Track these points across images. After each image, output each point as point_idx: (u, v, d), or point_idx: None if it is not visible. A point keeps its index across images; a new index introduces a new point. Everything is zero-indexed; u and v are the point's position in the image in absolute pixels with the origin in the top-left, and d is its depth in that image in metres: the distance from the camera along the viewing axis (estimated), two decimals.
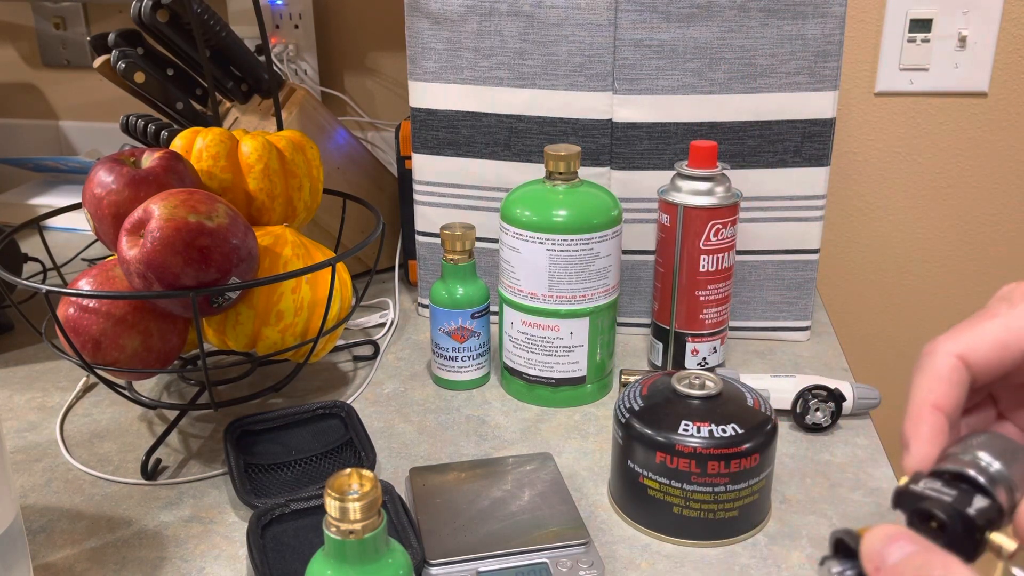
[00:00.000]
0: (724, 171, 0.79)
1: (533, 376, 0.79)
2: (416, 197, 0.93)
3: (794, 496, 0.67)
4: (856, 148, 1.19)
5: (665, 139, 0.85)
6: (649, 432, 0.61)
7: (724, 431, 0.60)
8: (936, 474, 0.34)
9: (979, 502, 0.32)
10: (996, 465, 0.33)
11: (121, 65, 0.89)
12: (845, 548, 0.33)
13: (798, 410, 0.75)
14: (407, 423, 0.77)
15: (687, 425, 0.60)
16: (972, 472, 0.33)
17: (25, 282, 0.66)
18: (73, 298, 0.68)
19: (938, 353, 0.37)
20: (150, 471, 0.70)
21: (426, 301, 0.98)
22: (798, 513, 0.65)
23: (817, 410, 0.74)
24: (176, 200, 0.64)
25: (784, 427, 0.76)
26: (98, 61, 0.93)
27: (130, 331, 0.68)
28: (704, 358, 0.83)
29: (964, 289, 1.23)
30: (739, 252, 0.89)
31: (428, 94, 0.88)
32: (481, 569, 0.57)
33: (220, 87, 0.96)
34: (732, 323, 0.92)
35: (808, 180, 0.85)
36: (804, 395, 0.74)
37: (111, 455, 0.73)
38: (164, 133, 0.94)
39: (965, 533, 0.32)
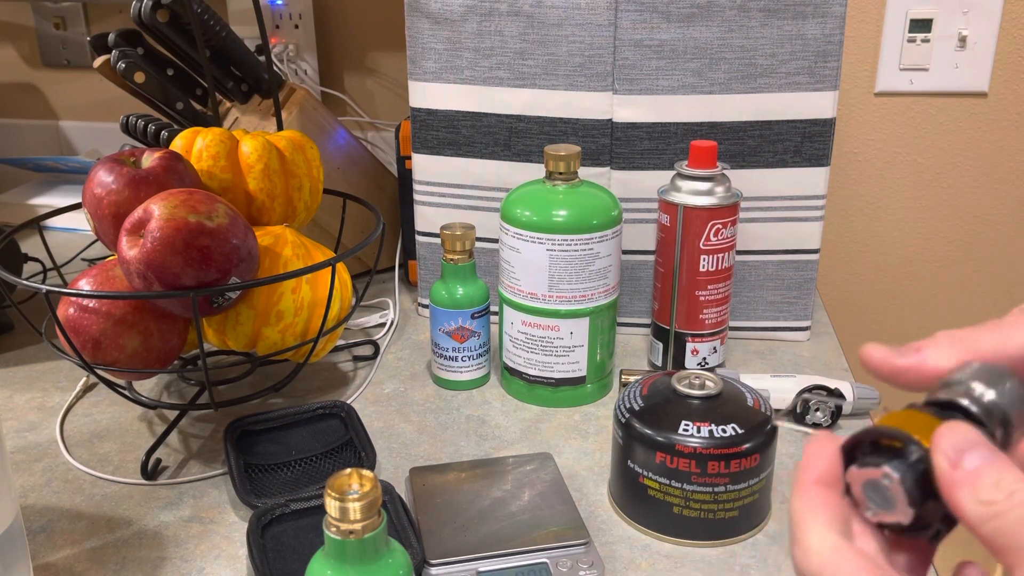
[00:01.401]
0: (724, 171, 0.79)
1: (533, 376, 0.79)
2: (416, 197, 0.93)
3: None
4: (856, 148, 1.19)
5: (665, 139, 0.85)
6: (649, 432, 0.61)
7: (724, 431, 0.60)
8: (930, 404, 0.33)
9: None
10: (991, 396, 0.32)
11: (121, 65, 0.89)
12: (874, 448, 0.32)
13: (798, 410, 0.75)
14: (407, 423, 0.77)
15: (687, 425, 0.60)
16: (966, 402, 0.32)
17: (25, 282, 0.66)
18: (73, 298, 0.68)
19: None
20: (150, 471, 0.70)
21: (426, 301, 0.98)
22: None
23: (817, 410, 0.74)
24: (176, 200, 0.64)
25: (784, 427, 0.76)
26: (98, 61, 0.93)
27: (130, 331, 0.68)
28: (704, 358, 0.83)
29: (964, 289, 1.23)
30: (739, 252, 0.89)
31: (428, 94, 0.88)
32: (481, 569, 0.57)
33: (220, 87, 0.96)
34: (732, 323, 0.92)
35: (808, 180, 0.85)
36: (804, 395, 0.74)
37: (111, 455, 0.73)
38: (164, 133, 0.94)
39: None
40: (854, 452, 0.33)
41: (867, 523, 0.32)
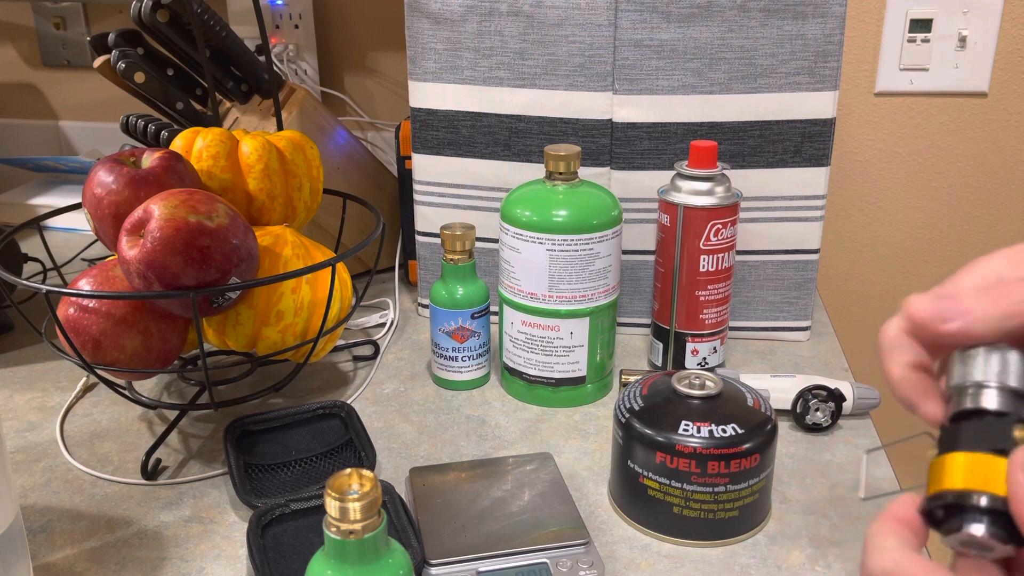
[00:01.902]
0: (724, 171, 0.79)
1: (533, 376, 0.79)
2: (416, 197, 0.93)
3: (794, 496, 0.67)
4: (856, 148, 1.19)
5: (665, 139, 0.85)
6: (649, 432, 0.61)
7: (724, 431, 0.60)
8: (959, 418, 0.34)
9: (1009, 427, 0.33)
10: (1009, 385, 0.33)
11: (121, 65, 0.89)
12: (947, 512, 0.33)
13: (798, 410, 0.75)
14: (407, 423, 0.77)
15: (687, 425, 0.60)
16: (993, 406, 0.33)
17: (25, 282, 0.66)
18: (73, 298, 0.68)
19: None
20: (150, 471, 0.70)
21: (426, 301, 0.98)
22: (798, 513, 0.65)
23: (817, 410, 0.74)
24: (176, 200, 0.64)
25: (784, 427, 0.76)
26: (98, 61, 0.93)
27: (130, 331, 0.68)
28: (704, 358, 0.83)
29: None
30: (739, 252, 0.89)
31: (428, 94, 0.88)
32: (481, 569, 0.57)
33: (220, 87, 0.96)
34: (732, 323, 0.92)
35: (808, 180, 0.85)
36: (804, 395, 0.74)
37: (111, 455, 0.73)
38: (164, 133, 0.94)
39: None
40: (932, 517, 0.34)
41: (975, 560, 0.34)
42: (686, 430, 0.60)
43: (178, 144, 0.76)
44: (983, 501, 0.32)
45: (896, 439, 0.44)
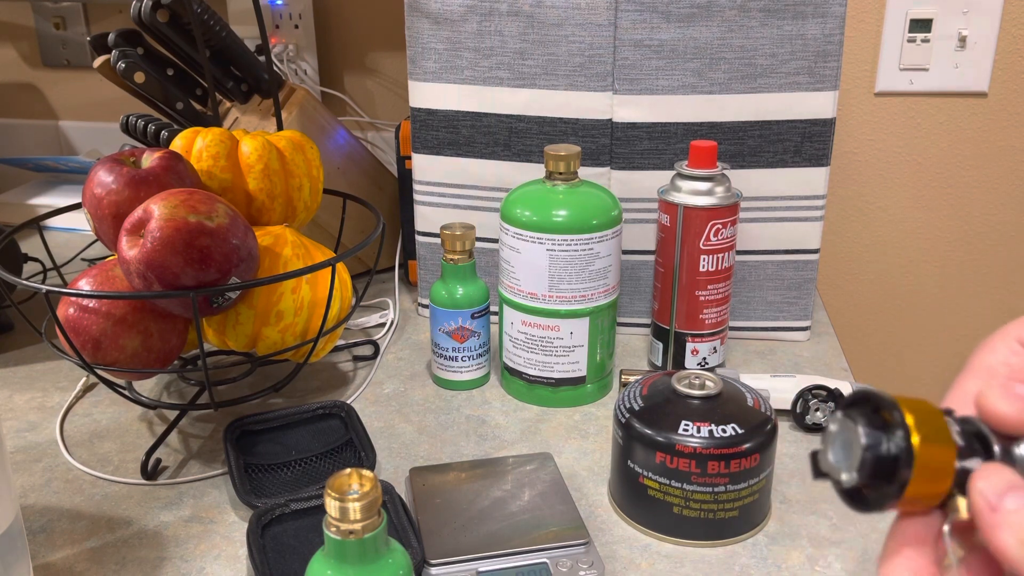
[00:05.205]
0: (724, 171, 0.79)
1: (533, 376, 0.79)
2: (416, 197, 0.93)
3: (794, 496, 0.67)
4: (856, 148, 1.19)
5: (665, 139, 0.85)
6: (649, 432, 0.61)
7: (724, 431, 0.60)
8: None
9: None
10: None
11: (121, 65, 0.89)
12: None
13: (798, 410, 0.75)
14: (407, 423, 0.77)
15: (687, 425, 0.60)
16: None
17: (25, 282, 0.66)
18: (73, 298, 0.68)
19: None
20: (150, 471, 0.70)
21: (426, 301, 0.98)
22: (798, 513, 0.65)
23: (817, 410, 0.74)
24: (176, 200, 0.64)
25: (784, 427, 0.76)
26: (98, 61, 0.93)
27: (130, 331, 0.68)
28: (704, 358, 0.83)
29: (964, 289, 1.23)
30: (739, 252, 0.89)
31: (428, 94, 0.88)
32: (481, 569, 0.57)
33: (220, 87, 0.96)
34: (732, 323, 0.92)
35: (808, 180, 0.85)
36: (804, 395, 0.74)
37: (111, 455, 0.73)
38: (164, 133, 0.94)
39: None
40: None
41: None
42: (686, 430, 0.60)
43: (178, 144, 0.76)
44: None
45: None
